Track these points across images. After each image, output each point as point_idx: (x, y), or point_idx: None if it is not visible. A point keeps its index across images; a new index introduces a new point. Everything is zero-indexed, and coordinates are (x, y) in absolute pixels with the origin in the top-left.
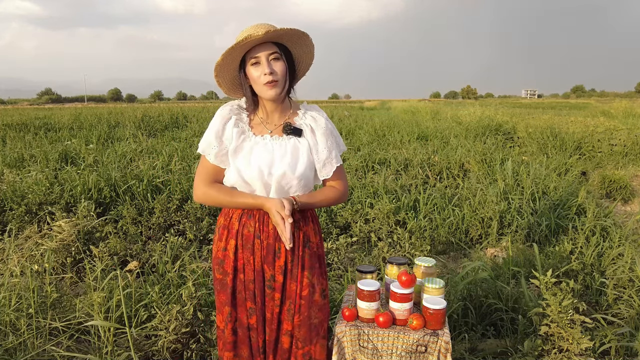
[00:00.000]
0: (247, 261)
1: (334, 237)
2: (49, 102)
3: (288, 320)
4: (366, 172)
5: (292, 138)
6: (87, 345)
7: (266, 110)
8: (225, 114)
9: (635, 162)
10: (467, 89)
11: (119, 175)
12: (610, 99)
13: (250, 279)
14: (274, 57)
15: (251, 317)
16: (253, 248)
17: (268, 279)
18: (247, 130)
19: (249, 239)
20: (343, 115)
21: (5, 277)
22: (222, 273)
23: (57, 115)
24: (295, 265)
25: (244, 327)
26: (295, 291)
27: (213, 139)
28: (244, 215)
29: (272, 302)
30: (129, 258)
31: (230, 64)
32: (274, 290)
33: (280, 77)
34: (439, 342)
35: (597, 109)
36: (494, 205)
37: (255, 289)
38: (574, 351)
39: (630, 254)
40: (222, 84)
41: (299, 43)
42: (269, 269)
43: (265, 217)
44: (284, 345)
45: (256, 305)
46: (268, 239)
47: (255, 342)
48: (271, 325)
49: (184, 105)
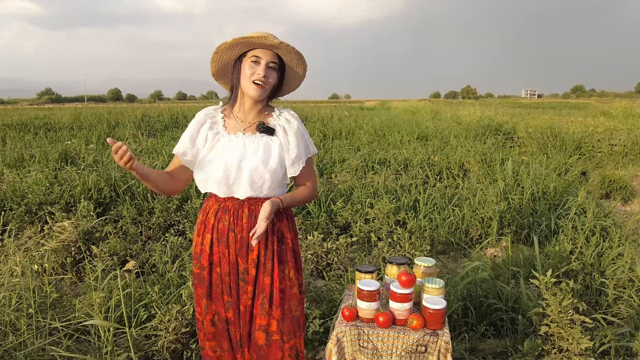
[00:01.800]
0: (223, 254)
1: (334, 237)
2: (49, 102)
3: (262, 315)
4: (366, 172)
5: (265, 136)
6: (87, 345)
7: (244, 107)
8: (200, 118)
9: (635, 162)
10: (467, 89)
11: (118, 175)
12: (610, 99)
13: (226, 271)
14: (272, 66)
15: (228, 310)
16: (227, 241)
17: (241, 271)
18: (221, 130)
19: (223, 233)
20: (343, 115)
21: (5, 277)
22: (199, 267)
23: (57, 115)
24: (268, 259)
25: (222, 321)
26: (270, 285)
27: (187, 141)
28: (219, 210)
29: (245, 295)
30: (129, 258)
31: (233, 51)
32: (247, 284)
33: (269, 85)
34: (439, 342)
35: (597, 109)
36: (494, 205)
37: (231, 281)
38: (574, 351)
39: (630, 254)
40: (215, 62)
41: (296, 66)
42: (243, 261)
43: (239, 211)
44: (258, 341)
45: (232, 299)
46: (242, 232)
47: (234, 336)
48: (244, 317)
49: (184, 105)
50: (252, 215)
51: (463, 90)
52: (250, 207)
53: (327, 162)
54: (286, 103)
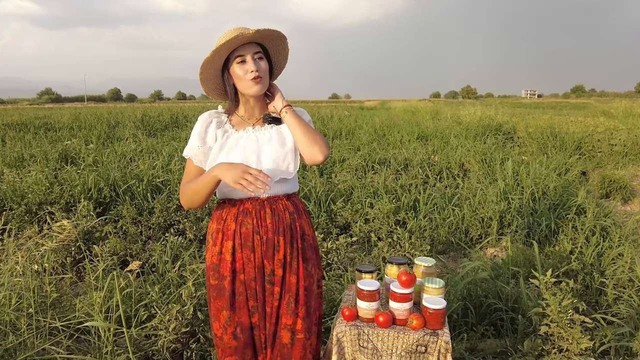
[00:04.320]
0: (248, 259)
1: (334, 236)
2: (49, 102)
3: (287, 314)
4: (366, 171)
5: (274, 126)
6: (87, 345)
7: (248, 105)
8: (205, 118)
9: (635, 162)
10: (467, 89)
11: (118, 175)
12: (610, 99)
13: (252, 277)
14: (258, 56)
15: (253, 315)
16: (253, 245)
17: (268, 274)
18: (229, 128)
19: (248, 237)
20: (343, 115)
21: (5, 277)
22: (217, 278)
23: (57, 115)
24: (294, 257)
25: (246, 329)
26: (296, 284)
27: (197, 141)
28: (239, 215)
29: (271, 296)
30: (129, 258)
31: (216, 62)
32: (274, 285)
33: (264, 74)
34: (439, 342)
35: (597, 109)
36: (494, 205)
37: (257, 286)
38: (573, 351)
39: (630, 254)
40: (204, 81)
41: (278, 45)
42: (269, 263)
43: (262, 212)
44: (283, 339)
45: (258, 302)
46: (267, 233)
47: (259, 340)
48: (270, 319)
49: (184, 105)
50: (275, 215)
51: (463, 90)
52: (271, 206)
53: (327, 162)
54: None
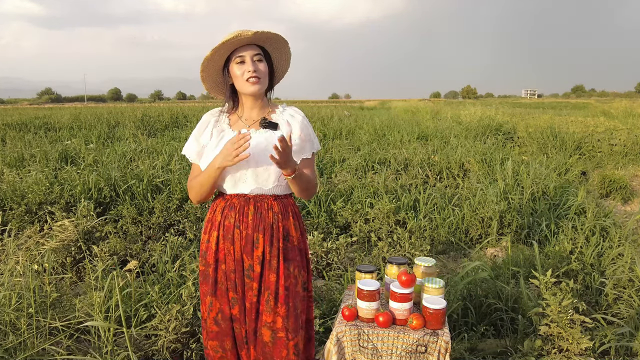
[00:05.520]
0: (228, 251)
1: (334, 237)
2: (49, 102)
3: (267, 312)
4: (366, 171)
5: (269, 131)
6: (87, 345)
7: (246, 106)
8: (205, 119)
9: (635, 162)
10: (467, 89)
11: (119, 175)
12: (610, 99)
13: (231, 268)
14: (258, 58)
15: (233, 307)
16: (233, 238)
17: (247, 268)
18: (226, 127)
19: (229, 230)
20: (343, 115)
21: (5, 277)
22: (204, 264)
23: (57, 115)
24: (274, 256)
25: (227, 318)
26: (275, 283)
27: (192, 141)
28: (226, 208)
29: (250, 291)
30: (129, 258)
31: (217, 61)
32: (252, 280)
33: (263, 75)
34: (439, 342)
35: (597, 109)
36: (494, 205)
37: (236, 278)
38: (573, 351)
39: (630, 254)
40: (205, 80)
41: (280, 49)
42: (248, 258)
43: (245, 208)
44: (264, 337)
45: (237, 295)
46: (247, 229)
47: (239, 333)
48: (250, 315)
49: (184, 105)
50: (257, 212)
51: (463, 90)
52: (256, 204)
53: (327, 162)
54: (286, 103)
